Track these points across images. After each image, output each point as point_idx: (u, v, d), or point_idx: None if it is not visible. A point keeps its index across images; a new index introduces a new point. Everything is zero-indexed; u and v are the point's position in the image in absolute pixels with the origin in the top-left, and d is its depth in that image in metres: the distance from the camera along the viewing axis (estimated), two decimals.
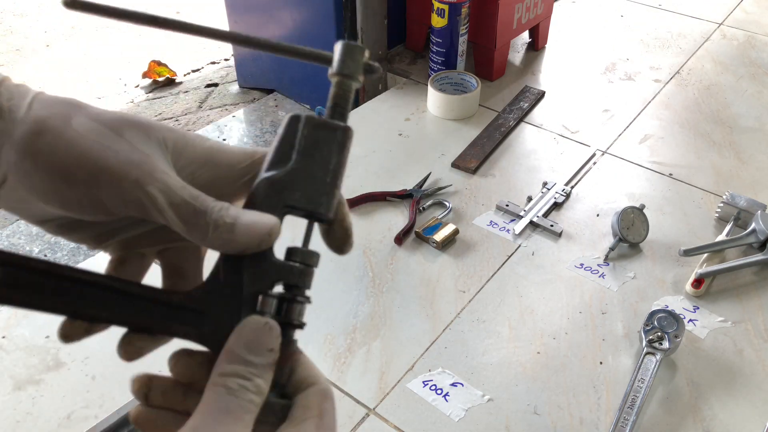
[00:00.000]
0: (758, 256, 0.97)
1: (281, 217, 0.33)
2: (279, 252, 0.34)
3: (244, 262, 0.32)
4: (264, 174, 0.34)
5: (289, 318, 0.33)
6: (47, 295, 0.31)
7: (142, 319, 0.32)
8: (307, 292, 0.34)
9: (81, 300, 0.31)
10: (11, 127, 0.30)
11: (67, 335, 0.32)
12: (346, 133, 0.35)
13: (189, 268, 0.38)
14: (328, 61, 0.36)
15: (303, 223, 0.35)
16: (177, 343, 0.34)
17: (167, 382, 0.33)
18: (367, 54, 0.36)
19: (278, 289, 0.33)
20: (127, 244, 0.37)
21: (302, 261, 0.33)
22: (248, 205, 0.33)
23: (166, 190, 0.31)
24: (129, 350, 0.33)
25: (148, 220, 0.32)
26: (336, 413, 0.32)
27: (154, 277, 0.38)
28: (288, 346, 0.32)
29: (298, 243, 0.34)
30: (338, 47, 0.35)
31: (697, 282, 0.95)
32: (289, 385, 0.32)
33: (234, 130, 1.61)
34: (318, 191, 0.34)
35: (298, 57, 0.37)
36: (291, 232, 0.37)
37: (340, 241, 0.36)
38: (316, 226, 0.36)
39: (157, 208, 0.31)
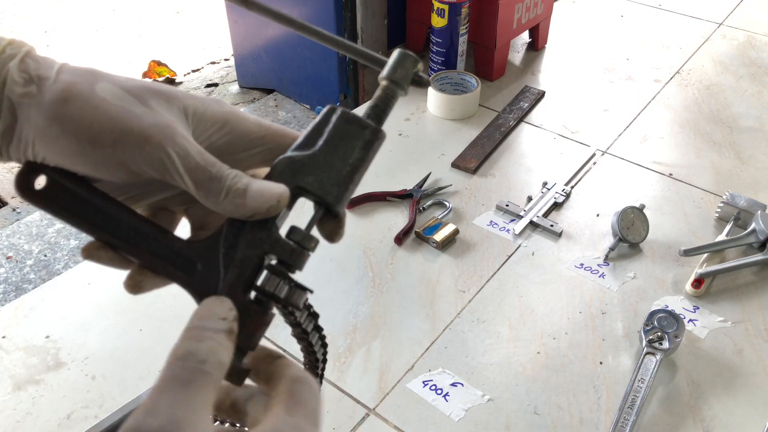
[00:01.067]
0: (758, 256, 0.97)
1: (293, 195, 0.35)
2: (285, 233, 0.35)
3: (246, 226, 0.34)
4: (287, 153, 0.35)
5: (264, 287, 0.33)
6: (79, 209, 0.33)
7: (145, 254, 0.34)
8: (298, 275, 0.35)
9: (105, 222, 0.34)
10: (40, 94, 0.32)
11: (136, 285, 0.35)
12: (376, 134, 0.36)
13: (213, 221, 0.39)
14: (383, 64, 0.37)
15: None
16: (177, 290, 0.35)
17: None
18: (420, 66, 0.37)
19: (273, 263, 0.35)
20: (154, 206, 0.39)
21: (298, 241, 0.34)
22: (265, 178, 0.35)
23: (184, 155, 0.32)
24: (130, 283, 0.35)
25: (168, 182, 0.34)
26: (317, 396, 0.33)
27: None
28: (261, 316, 0.33)
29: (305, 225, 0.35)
30: (394, 54, 0.37)
31: (697, 282, 0.95)
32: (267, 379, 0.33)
33: None
34: (332, 181, 0.35)
35: (358, 58, 0.38)
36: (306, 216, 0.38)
37: (331, 229, 0.38)
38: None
39: (175, 172, 0.32)
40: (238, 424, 0.34)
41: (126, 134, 0.32)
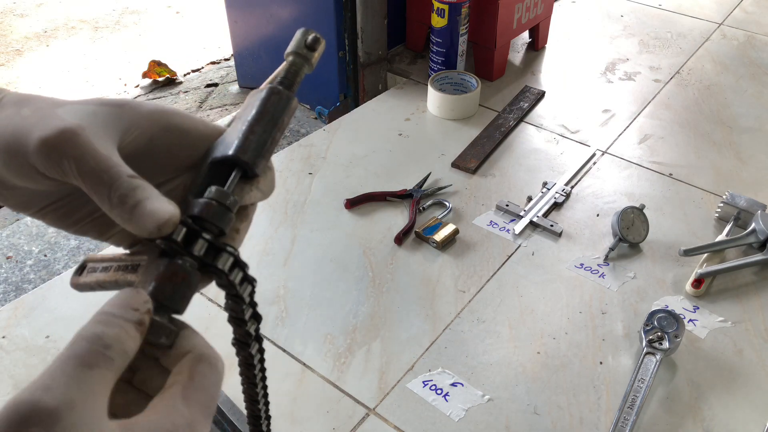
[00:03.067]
0: (758, 256, 0.97)
1: (212, 171, 0.36)
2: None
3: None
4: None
5: (170, 235, 0.33)
6: None
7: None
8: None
9: None
10: None
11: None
12: (271, 90, 0.37)
13: None
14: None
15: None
16: None
17: None
18: (309, 34, 0.39)
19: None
20: (129, 235, 0.38)
21: (212, 198, 0.34)
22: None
23: (79, 158, 0.32)
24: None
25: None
26: (215, 377, 0.31)
27: None
28: (175, 267, 0.33)
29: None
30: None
31: (697, 282, 0.95)
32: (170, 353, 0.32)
33: None
34: (233, 139, 0.36)
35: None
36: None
37: (254, 184, 0.37)
38: None
39: (73, 175, 0.32)
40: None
41: (29, 140, 0.32)
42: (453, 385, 0.82)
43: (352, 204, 1.08)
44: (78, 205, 0.37)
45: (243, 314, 0.36)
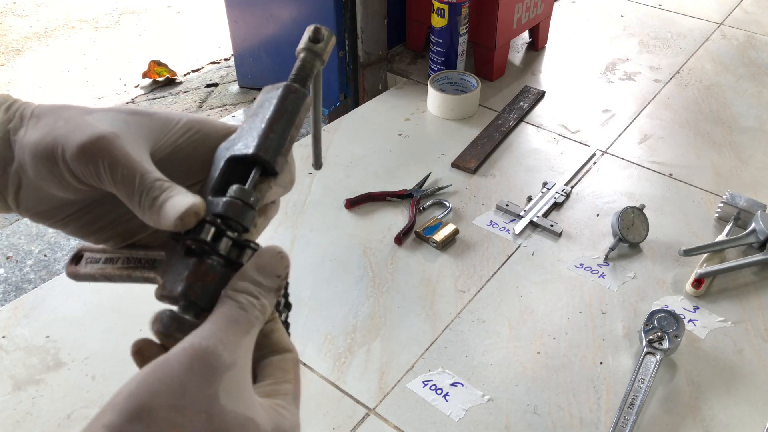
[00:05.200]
0: (758, 256, 0.97)
1: (230, 169, 0.36)
2: None
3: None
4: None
5: (197, 235, 0.33)
6: None
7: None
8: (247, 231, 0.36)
9: None
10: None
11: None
12: (288, 88, 0.38)
13: None
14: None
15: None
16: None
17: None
18: (311, 29, 0.39)
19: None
20: (153, 241, 0.39)
21: (235, 196, 0.34)
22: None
23: (114, 164, 0.33)
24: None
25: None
26: (298, 371, 0.35)
27: None
28: (205, 267, 0.33)
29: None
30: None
31: (697, 282, 0.95)
32: (263, 345, 0.34)
33: None
34: (254, 136, 0.36)
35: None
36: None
37: (274, 181, 0.37)
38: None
39: (107, 179, 0.33)
40: None
41: (67, 148, 0.33)
42: (453, 385, 0.82)
43: (352, 204, 1.08)
44: (101, 213, 0.38)
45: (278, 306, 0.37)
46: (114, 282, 0.38)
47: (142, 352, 0.35)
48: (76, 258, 0.40)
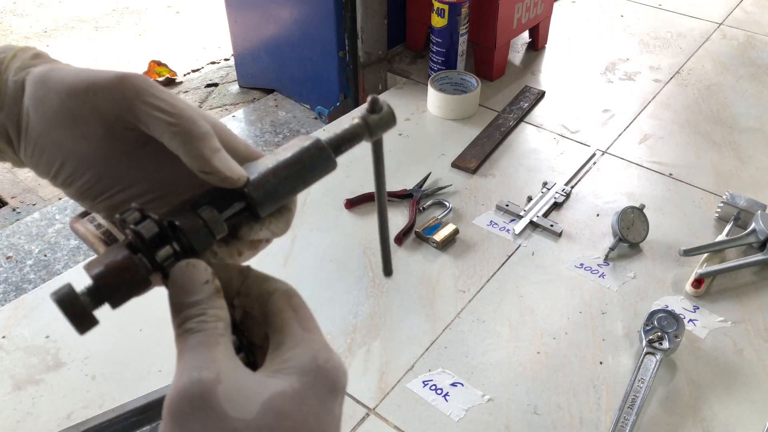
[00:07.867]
0: (758, 256, 0.97)
1: (223, 193, 0.36)
2: None
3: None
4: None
5: (139, 230, 0.32)
6: None
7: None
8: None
9: None
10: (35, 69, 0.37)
11: None
12: (315, 143, 0.37)
13: None
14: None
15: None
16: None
17: None
18: (393, 125, 0.40)
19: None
20: None
21: (205, 219, 0.34)
22: None
23: (154, 93, 0.34)
24: None
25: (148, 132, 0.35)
26: (306, 303, 0.35)
27: None
28: (129, 263, 0.32)
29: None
30: (384, 107, 0.40)
31: (697, 282, 0.95)
32: (246, 302, 0.34)
33: (234, 130, 1.60)
34: (254, 173, 0.36)
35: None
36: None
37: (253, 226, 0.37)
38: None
39: (147, 114, 0.34)
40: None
41: (96, 80, 0.35)
42: (453, 385, 0.82)
43: (352, 204, 1.08)
44: (107, 173, 0.37)
45: None
46: (86, 245, 0.38)
47: None
48: (84, 214, 0.41)
